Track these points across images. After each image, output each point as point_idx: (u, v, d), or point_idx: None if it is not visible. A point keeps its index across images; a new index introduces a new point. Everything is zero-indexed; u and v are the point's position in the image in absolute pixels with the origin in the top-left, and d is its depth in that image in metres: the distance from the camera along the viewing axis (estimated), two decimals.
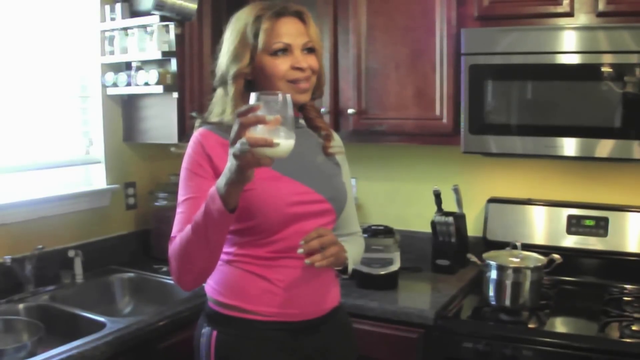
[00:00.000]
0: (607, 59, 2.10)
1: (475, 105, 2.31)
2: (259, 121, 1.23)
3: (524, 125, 2.26)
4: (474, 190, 2.72)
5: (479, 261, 2.21)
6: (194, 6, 2.46)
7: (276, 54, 1.53)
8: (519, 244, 2.22)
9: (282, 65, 1.53)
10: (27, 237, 2.29)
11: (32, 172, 2.40)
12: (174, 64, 2.51)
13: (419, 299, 2.30)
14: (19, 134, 2.36)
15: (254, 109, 1.24)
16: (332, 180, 1.66)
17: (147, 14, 2.46)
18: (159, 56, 2.47)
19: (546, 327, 2.05)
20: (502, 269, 2.12)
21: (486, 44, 2.27)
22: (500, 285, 2.12)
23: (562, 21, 2.21)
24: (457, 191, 2.61)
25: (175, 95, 2.52)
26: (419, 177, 2.84)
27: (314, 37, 1.58)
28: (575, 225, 2.48)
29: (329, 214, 1.62)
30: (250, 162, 1.26)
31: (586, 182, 2.56)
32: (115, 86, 2.59)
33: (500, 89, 2.29)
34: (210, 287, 1.60)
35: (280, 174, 1.53)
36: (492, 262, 2.15)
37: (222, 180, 1.33)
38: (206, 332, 1.57)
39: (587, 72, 2.14)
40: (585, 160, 2.30)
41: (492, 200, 2.66)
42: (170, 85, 2.51)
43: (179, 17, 2.46)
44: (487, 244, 2.56)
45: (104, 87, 2.62)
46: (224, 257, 1.56)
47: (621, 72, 2.07)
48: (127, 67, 2.62)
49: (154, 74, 2.48)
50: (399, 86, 2.50)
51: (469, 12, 2.35)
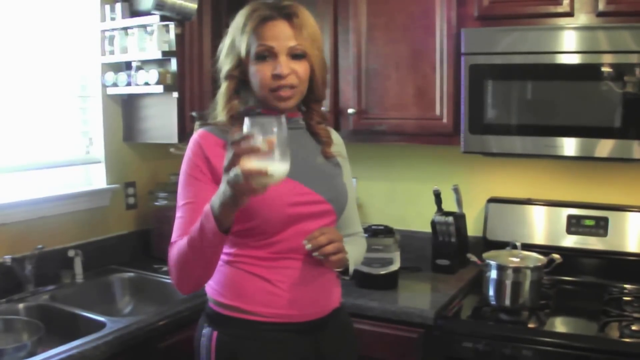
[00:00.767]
0: (607, 59, 2.10)
1: (475, 105, 2.31)
2: (253, 150, 1.23)
3: (524, 125, 2.26)
4: (474, 190, 2.72)
5: (479, 261, 2.21)
6: (194, 6, 2.46)
7: (260, 58, 1.51)
8: (518, 244, 2.23)
9: (264, 71, 1.50)
10: (27, 237, 2.29)
11: (32, 172, 2.40)
12: (174, 64, 2.51)
13: (419, 298, 2.30)
14: (19, 133, 2.36)
15: (247, 137, 1.23)
16: (333, 181, 1.66)
17: (147, 13, 2.46)
18: (159, 56, 2.47)
19: (546, 327, 2.05)
20: (502, 269, 2.12)
21: (486, 44, 2.27)
22: (500, 285, 2.12)
23: (562, 21, 2.21)
24: (457, 191, 2.61)
25: (175, 95, 2.52)
26: (419, 177, 2.84)
27: (305, 41, 1.52)
28: (575, 225, 2.48)
29: (330, 215, 1.61)
30: (244, 191, 1.26)
31: (586, 182, 2.56)
32: (115, 86, 2.59)
33: (500, 88, 2.29)
34: (210, 287, 1.60)
35: None
36: (492, 262, 2.15)
37: (217, 200, 1.32)
38: (206, 333, 1.57)
39: (587, 72, 2.14)
40: (585, 160, 2.30)
41: (492, 200, 2.66)
42: (170, 85, 2.51)
43: (179, 17, 2.46)
44: (487, 244, 2.56)
45: (104, 86, 2.62)
46: (225, 257, 1.56)
47: (621, 72, 2.07)
48: (127, 66, 2.62)
49: (154, 73, 2.48)
50: (399, 86, 2.50)
51: (469, 12, 2.35)
